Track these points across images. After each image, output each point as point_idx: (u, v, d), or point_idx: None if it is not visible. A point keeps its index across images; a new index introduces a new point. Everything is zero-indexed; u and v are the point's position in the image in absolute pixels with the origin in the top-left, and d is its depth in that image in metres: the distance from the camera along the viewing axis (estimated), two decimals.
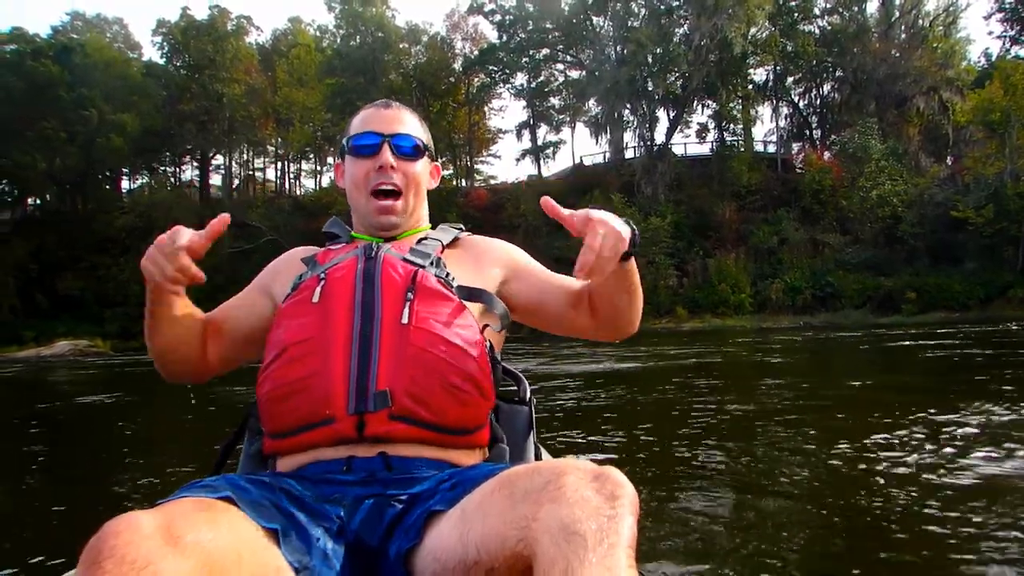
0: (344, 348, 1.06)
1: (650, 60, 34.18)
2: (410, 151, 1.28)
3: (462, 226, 1.38)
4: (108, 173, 40.79)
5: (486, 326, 1.17)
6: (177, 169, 45.62)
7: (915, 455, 3.46)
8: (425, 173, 1.33)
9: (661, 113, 37.66)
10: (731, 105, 37.84)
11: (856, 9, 40.33)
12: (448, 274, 1.18)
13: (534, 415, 1.33)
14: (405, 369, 1.04)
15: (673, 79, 34.61)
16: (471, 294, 1.18)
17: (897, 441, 3.80)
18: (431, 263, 1.18)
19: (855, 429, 4.24)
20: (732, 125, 38.71)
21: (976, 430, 4.09)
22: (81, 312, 34.99)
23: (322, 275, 1.15)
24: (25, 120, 34.09)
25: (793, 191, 34.17)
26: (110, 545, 0.71)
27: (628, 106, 36.53)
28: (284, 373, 1.07)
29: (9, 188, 37.78)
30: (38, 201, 40.00)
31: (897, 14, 39.94)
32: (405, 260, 1.17)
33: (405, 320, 1.07)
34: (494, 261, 1.29)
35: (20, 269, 34.78)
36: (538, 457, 1.30)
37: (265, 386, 1.10)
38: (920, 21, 39.72)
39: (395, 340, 1.06)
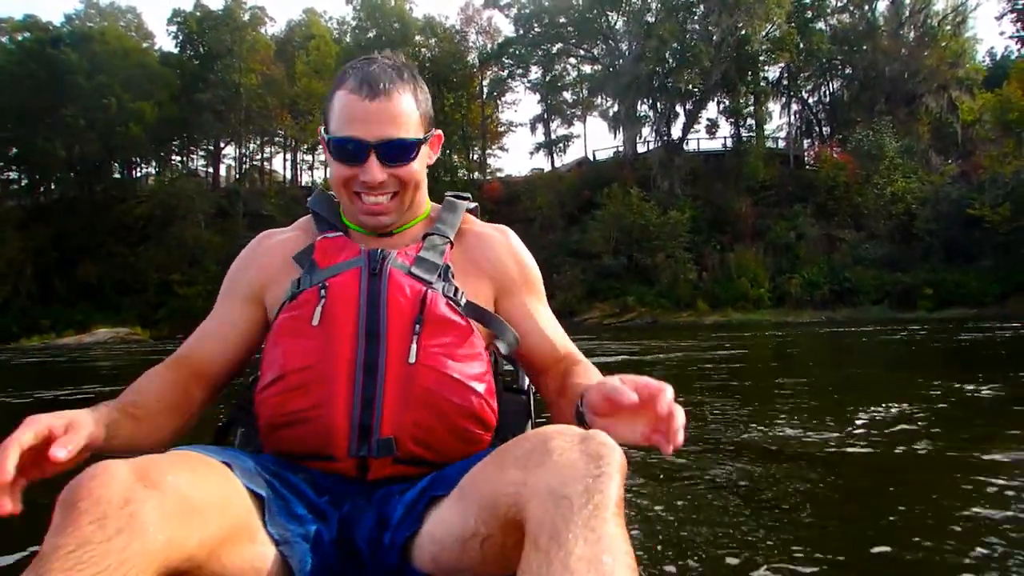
0: (347, 383, 1.00)
1: (669, 56, 34.40)
2: (403, 156, 1.10)
3: (468, 196, 1.27)
4: (127, 161, 40.84)
5: (495, 339, 1.12)
6: (186, 158, 45.75)
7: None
8: (423, 161, 1.14)
9: (678, 108, 37.90)
10: (743, 101, 38.13)
11: (867, 7, 40.69)
12: (456, 290, 1.09)
13: (532, 403, 1.29)
14: (410, 412, 1.00)
15: (694, 75, 34.84)
16: (480, 315, 1.10)
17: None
18: (439, 275, 1.09)
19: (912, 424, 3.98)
20: (747, 121, 38.99)
21: None
22: (99, 299, 35.10)
23: (322, 290, 1.05)
24: (45, 107, 34.18)
25: (807, 187, 34.49)
26: (86, 487, 0.70)
27: (648, 101, 36.76)
28: (283, 402, 1.01)
29: (29, 174, 37.84)
30: (55, 188, 40.03)
31: (907, 13, 40.27)
32: (412, 275, 1.07)
33: (412, 359, 1.01)
34: (491, 273, 1.18)
35: (39, 255, 34.87)
36: None
37: (264, 411, 1.04)
38: (929, 20, 40.06)
39: (401, 380, 1.00)
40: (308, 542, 0.90)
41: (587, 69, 43.81)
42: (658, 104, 36.79)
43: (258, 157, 47.75)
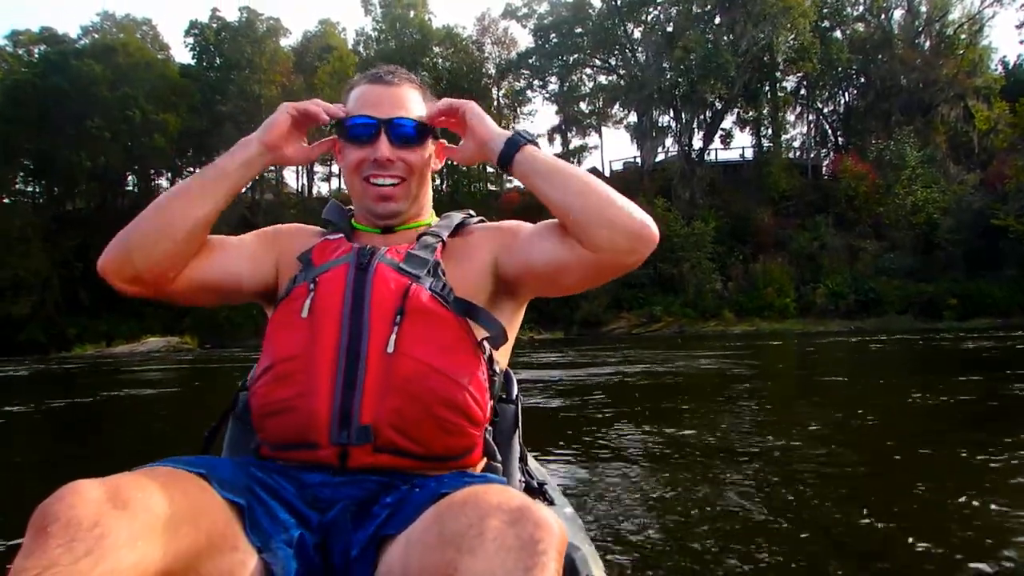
0: (329, 372, 1.02)
1: (693, 66, 34.68)
2: (412, 136, 1.17)
3: (471, 212, 1.28)
4: (145, 172, 41.07)
5: (485, 338, 1.10)
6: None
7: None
8: (428, 157, 1.21)
9: (700, 118, 38.18)
10: (764, 111, 38.42)
11: (883, 17, 41.00)
12: (444, 285, 1.10)
13: (520, 414, 1.29)
14: (390, 400, 1.01)
15: (719, 85, 35.11)
16: (469, 310, 1.09)
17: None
18: (428, 271, 1.10)
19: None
20: (768, 131, 39.24)
21: None
22: (123, 309, 35.22)
23: (312, 284, 1.09)
24: (69, 119, 34.40)
25: (826, 197, 34.71)
26: (55, 510, 0.71)
27: (671, 112, 37.03)
28: (272, 390, 1.05)
29: (53, 186, 38.03)
30: (78, 199, 40.23)
31: (923, 22, 40.54)
32: (399, 270, 1.09)
33: (391, 349, 1.02)
34: (486, 250, 1.18)
35: (64, 266, 35.03)
36: (522, 458, 1.29)
37: (255, 399, 1.08)
38: (945, 30, 40.34)
39: (380, 369, 1.02)
40: (291, 548, 0.90)
41: (602, 80, 44.19)
42: (682, 114, 37.02)
43: (272, 169, 48.09)
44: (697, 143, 38.53)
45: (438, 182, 44.36)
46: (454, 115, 1.19)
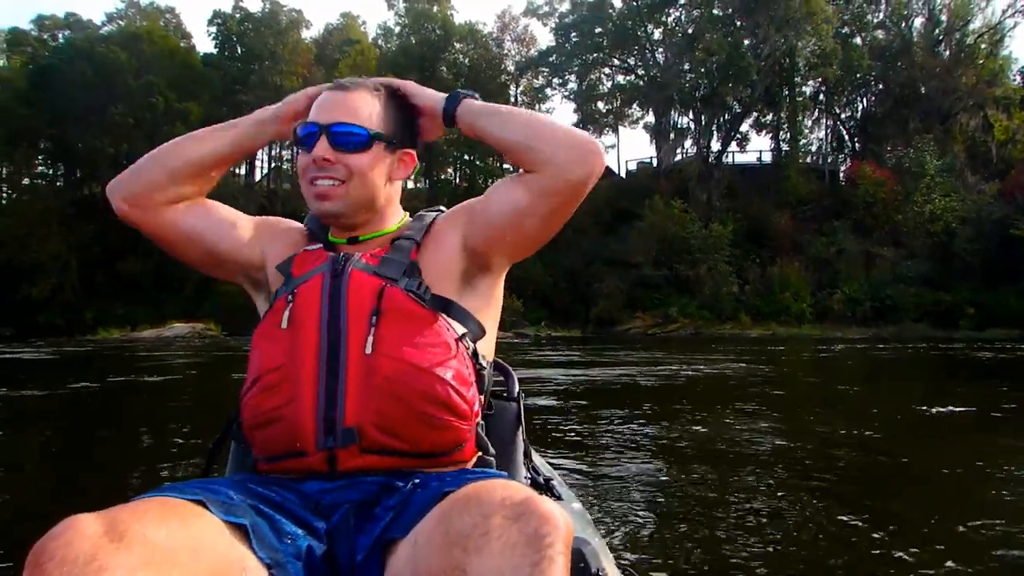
0: (312, 379, 1.04)
1: (715, 68, 34.71)
2: (352, 144, 1.16)
3: (441, 208, 1.30)
4: None
5: (464, 335, 1.11)
6: None
7: None
8: (378, 164, 1.19)
9: (718, 121, 38.22)
10: (782, 115, 38.41)
11: (904, 25, 40.89)
12: (420, 284, 1.11)
13: (522, 411, 1.30)
14: (372, 401, 1.02)
15: (741, 88, 35.12)
16: (446, 305, 1.12)
17: None
18: (403, 272, 1.12)
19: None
20: (787, 135, 39.24)
21: None
22: (140, 295, 35.54)
23: (290, 296, 1.11)
24: (94, 106, 34.68)
25: (844, 203, 34.67)
26: (51, 548, 0.70)
27: (691, 114, 37.07)
28: (259, 402, 1.06)
29: (74, 171, 38.34)
30: (97, 185, 40.53)
31: (943, 31, 40.42)
32: (374, 273, 1.11)
33: (369, 350, 1.03)
34: (452, 233, 1.19)
35: (82, 251, 35.35)
36: (527, 455, 1.30)
37: (245, 413, 1.09)
38: (966, 39, 40.20)
39: (361, 371, 1.03)
40: (300, 560, 0.89)
41: (620, 79, 44.24)
42: (702, 116, 37.05)
43: (287, 157, 48.36)
44: (715, 146, 38.55)
45: (456, 178, 44.55)
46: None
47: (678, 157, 39.98)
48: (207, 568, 0.78)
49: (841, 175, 39.54)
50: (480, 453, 1.13)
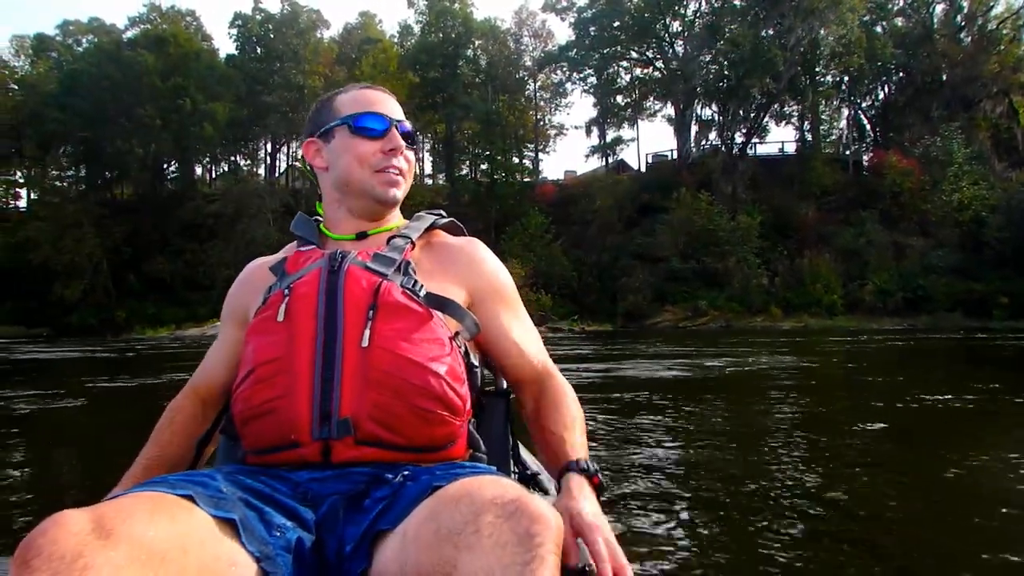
0: (308, 370, 1.04)
1: (739, 59, 34.61)
2: (411, 140, 1.25)
3: (441, 212, 1.33)
4: (188, 161, 41.80)
5: (457, 334, 1.13)
6: (249, 158, 46.73)
7: None
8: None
9: (742, 112, 38.11)
10: (806, 105, 38.25)
11: (924, 12, 40.55)
12: (415, 282, 1.13)
13: (510, 407, 1.31)
14: (368, 393, 1.02)
15: (767, 79, 35.00)
16: (440, 303, 1.12)
17: None
18: (397, 269, 1.13)
19: None
20: (811, 125, 39.08)
21: None
22: (169, 295, 36.04)
23: (287, 290, 1.11)
24: (122, 108, 35.14)
25: (869, 193, 34.50)
26: (38, 544, 0.70)
27: (713, 105, 36.98)
28: (252, 394, 1.06)
29: (105, 173, 38.86)
30: (127, 186, 41.09)
31: (965, 17, 40.03)
32: (369, 270, 1.12)
33: (366, 343, 1.04)
34: (460, 277, 1.21)
35: (113, 252, 35.86)
36: (515, 451, 1.31)
37: (237, 406, 1.09)
38: (988, 25, 39.80)
39: (357, 363, 1.03)
40: (290, 552, 0.89)
41: (638, 72, 44.20)
42: (727, 108, 36.96)
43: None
44: (739, 137, 38.46)
45: (474, 174, 44.70)
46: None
47: (701, 149, 39.95)
48: (196, 564, 0.77)
49: (864, 164, 39.34)
50: (471, 450, 1.14)
